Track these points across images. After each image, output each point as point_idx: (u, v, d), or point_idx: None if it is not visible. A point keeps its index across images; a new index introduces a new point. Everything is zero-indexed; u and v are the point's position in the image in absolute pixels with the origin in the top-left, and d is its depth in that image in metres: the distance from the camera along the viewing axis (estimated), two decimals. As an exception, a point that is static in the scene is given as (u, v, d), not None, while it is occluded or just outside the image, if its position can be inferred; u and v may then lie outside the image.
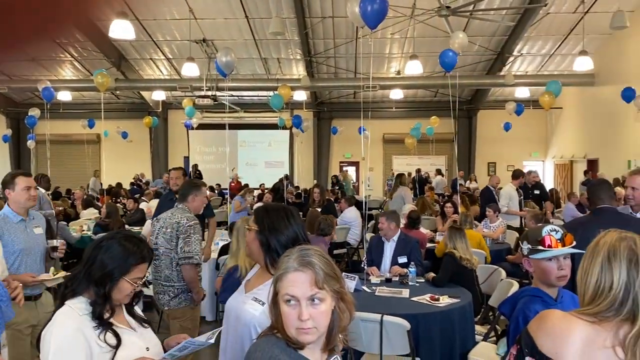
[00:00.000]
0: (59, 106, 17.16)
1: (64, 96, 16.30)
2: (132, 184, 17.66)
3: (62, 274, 3.62)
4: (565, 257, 2.24)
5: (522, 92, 16.51)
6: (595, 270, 1.47)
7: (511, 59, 15.59)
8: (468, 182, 17.15)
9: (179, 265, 3.88)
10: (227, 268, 4.10)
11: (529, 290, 2.32)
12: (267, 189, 15.68)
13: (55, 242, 3.77)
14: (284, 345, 1.48)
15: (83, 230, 8.23)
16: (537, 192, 9.27)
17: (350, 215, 8.96)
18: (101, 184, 17.27)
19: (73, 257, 7.38)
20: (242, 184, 16.64)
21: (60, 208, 9.21)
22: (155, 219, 4.35)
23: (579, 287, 1.53)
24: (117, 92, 18.67)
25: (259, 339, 1.57)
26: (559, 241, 2.23)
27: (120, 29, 9.00)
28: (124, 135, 18.92)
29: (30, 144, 17.05)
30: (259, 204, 10.35)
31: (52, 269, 3.66)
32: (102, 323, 1.90)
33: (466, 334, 4.09)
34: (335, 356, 1.56)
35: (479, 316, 4.88)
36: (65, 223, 8.08)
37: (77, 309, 1.90)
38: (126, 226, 8.50)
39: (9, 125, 20.02)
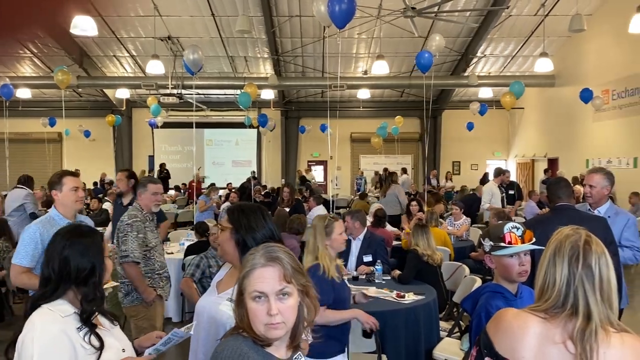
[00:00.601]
0: (17, 104, 16.65)
1: (24, 93, 15.81)
2: (95, 183, 17.27)
3: (112, 283, 3.50)
4: (525, 254, 2.30)
5: (486, 93, 16.88)
6: (543, 266, 1.53)
7: (475, 60, 15.91)
8: (444, 180, 17.40)
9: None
10: (305, 267, 4.02)
11: (490, 286, 2.37)
12: (234, 188, 15.57)
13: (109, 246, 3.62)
14: (251, 343, 1.48)
15: (43, 232, 7.98)
16: (511, 192, 9.47)
17: (317, 213, 8.99)
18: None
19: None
20: (204, 183, 16.50)
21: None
22: None
23: (535, 283, 1.58)
24: (79, 89, 18.21)
25: (224, 338, 1.55)
26: (519, 238, 2.29)
27: (82, 25, 8.77)
28: (87, 134, 18.49)
29: (-13, 143, 16.48)
30: (227, 204, 10.28)
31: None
32: (88, 324, 1.86)
33: (431, 330, 4.16)
34: (299, 353, 1.56)
35: (443, 312, 4.97)
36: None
37: (58, 310, 1.84)
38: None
39: (-35, 123, 19.31)
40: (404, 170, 18.06)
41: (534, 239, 2.32)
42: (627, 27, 8.50)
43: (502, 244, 2.28)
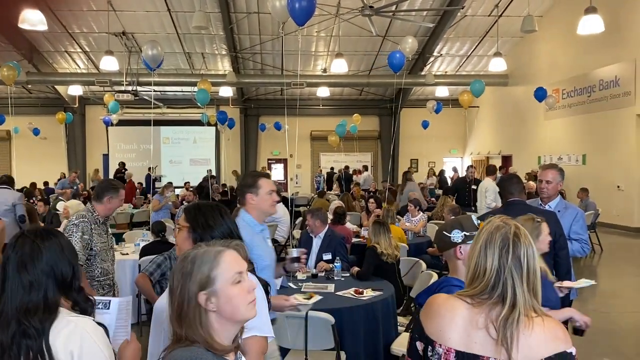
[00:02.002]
0: (-39, 100, 15.92)
1: (-32, 89, 15.15)
2: (46, 183, 16.67)
3: (316, 297, 3.32)
4: None
5: (442, 91, 17.21)
6: (474, 255, 1.58)
7: (431, 59, 16.17)
8: (426, 177, 17.55)
9: None
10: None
11: (449, 280, 2.40)
12: (192, 187, 15.33)
13: (295, 252, 3.28)
14: (212, 355, 1.41)
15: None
16: (474, 187, 9.71)
17: (279, 211, 8.95)
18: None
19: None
20: (160, 182, 16.18)
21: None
22: None
23: (465, 270, 1.67)
24: (29, 86, 17.55)
25: (174, 352, 1.41)
26: None
27: (31, 19, 8.42)
28: (36, 131, 17.81)
29: None
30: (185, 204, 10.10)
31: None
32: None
33: (389, 325, 4.20)
34: (239, 353, 1.53)
35: (401, 307, 5.03)
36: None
37: (83, 317, 1.75)
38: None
39: None
40: (365, 168, 18.27)
41: None
42: (575, 28, 8.82)
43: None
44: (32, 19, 8.46)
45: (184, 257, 1.48)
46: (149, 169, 17.13)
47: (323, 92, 16.69)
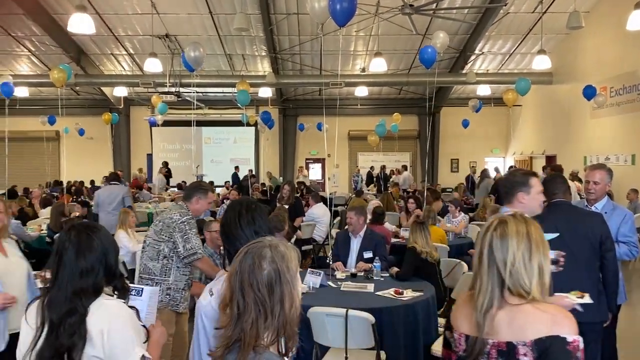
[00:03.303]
0: (15, 102, 16.60)
1: (21, 92, 15.77)
2: (92, 182, 17.24)
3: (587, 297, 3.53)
4: None
5: (484, 90, 16.87)
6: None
7: (473, 57, 15.91)
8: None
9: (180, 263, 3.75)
10: None
11: None
12: (232, 186, 15.57)
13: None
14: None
15: (42, 230, 7.99)
16: None
17: (318, 211, 8.98)
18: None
19: (31, 257, 7.14)
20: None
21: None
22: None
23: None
24: (77, 87, 18.18)
25: (265, 355, 1.45)
26: None
27: (80, 23, 8.73)
28: (81, 132, 18.40)
29: (-16, 141, 16.42)
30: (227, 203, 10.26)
31: None
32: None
33: (429, 326, 4.17)
34: None
35: (441, 309, 4.98)
36: (19, 222, 7.82)
37: (114, 300, 1.95)
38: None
39: (-38, 121, 19.25)
40: (404, 168, 18.15)
41: None
42: (624, 23, 8.51)
43: None
44: (80, 23, 8.76)
45: (282, 255, 1.52)
46: (197, 168, 17.61)
47: (361, 91, 16.63)
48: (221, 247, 4.80)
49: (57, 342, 1.77)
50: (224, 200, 11.92)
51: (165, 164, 18.45)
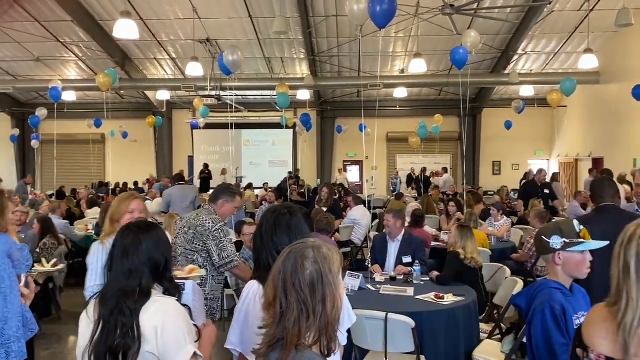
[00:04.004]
0: (63, 106, 17.22)
1: (69, 96, 16.34)
2: (135, 183, 17.70)
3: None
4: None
5: (527, 91, 16.46)
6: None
7: (515, 57, 15.55)
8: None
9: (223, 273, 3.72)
10: None
11: (548, 283, 2.39)
12: (270, 188, 15.70)
13: None
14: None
15: (88, 229, 8.25)
16: (547, 191, 9.23)
17: (358, 213, 8.94)
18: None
19: (77, 255, 7.40)
20: (242, 183, 16.65)
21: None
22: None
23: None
24: (122, 92, 18.71)
25: (306, 354, 1.47)
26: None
27: (124, 29, 8.99)
28: (124, 135, 18.93)
29: (35, 143, 17.12)
30: (265, 205, 10.35)
31: None
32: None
33: (471, 332, 4.09)
34: None
35: (483, 314, 4.87)
36: (67, 222, 8.11)
37: (167, 297, 1.97)
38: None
39: (15, 125, 20.09)
40: (445, 170, 17.91)
41: None
42: (678, 20, 8.15)
43: (581, 240, 2.33)
44: (125, 29, 9.02)
45: (324, 256, 1.54)
46: (235, 170, 17.87)
47: (400, 92, 16.50)
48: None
49: (110, 339, 1.82)
50: (262, 202, 12.03)
51: (206, 165, 18.78)
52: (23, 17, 13.78)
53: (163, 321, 1.85)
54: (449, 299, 4.10)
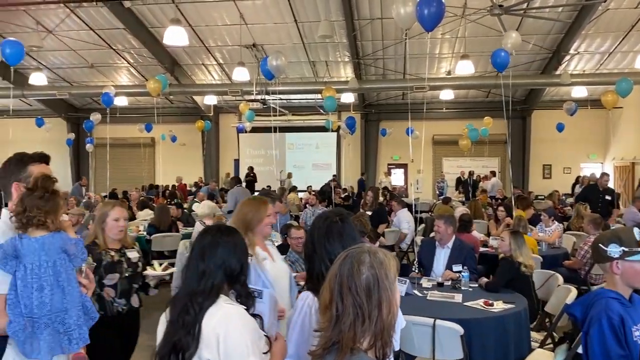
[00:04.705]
0: (115, 111, 17.83)
1: (121, 101, 16.90)
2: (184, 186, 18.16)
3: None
4: None
5: (579, 92, 15.89)
6: None
7: (567, 57, 15.05)
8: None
9: None
10: None
11: (606, 292, 2.31)
12: (314, 191, 15.76)
13: None
14: None
15: (139, 231, 8.50)
16: (608, 197, 8.84)
17: (403, 217, 8.86)
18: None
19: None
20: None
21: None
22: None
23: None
24: (171, 97, 19.21)
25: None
26: None
27: (174, 36, 9.24)
28: (173, 139, 19.42)
29: (89, 147, 17.80)
30: (310, 208, 10.39)
31: None
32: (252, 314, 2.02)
33: (521, 340, 3.97)
34: None
35: (534, 322, 4.73)
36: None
37: (236, 306, 1.97)
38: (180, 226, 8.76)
39: (70, 129, 20.96)
40: (493, 174, 17.53)
41: None
42: None
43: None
44: (175, 35, 9.27)
45: (380, 262, 1.54)
46: (280, 173, 18.08)
47: (447, 95, 16.24)
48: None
49: (174, 338, 1.85)
50: (306, 205, 12.09)
51: (251, 168, 19.05)
52: (78, 26, 14.38)
53: (226, 330, 1.84)
54: (499, 306, 4.00)
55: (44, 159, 2.45)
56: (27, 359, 2.08)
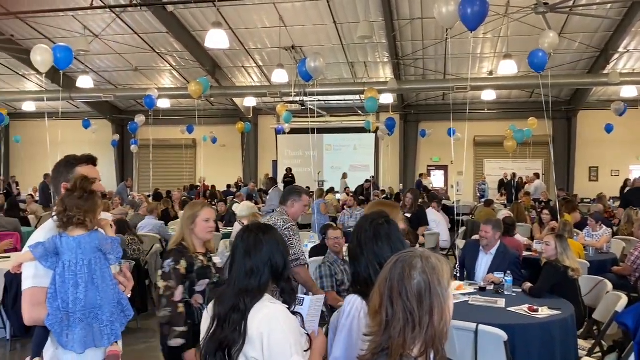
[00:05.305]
0: (158, 113, 18.26)
1: (163, 103, 17.29)
2: (228, 186, 18.43)
3: None
4: None
5: (629, 91, 15.30)
6: None
7: (616, 55, 14.51)
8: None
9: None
10: None
11: None
12: (351, 192, 15.72)
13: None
14: None
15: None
16: None
17: (432, 217, 8.71)
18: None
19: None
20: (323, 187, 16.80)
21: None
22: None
23: None
24: (212, 99, 19.52)
25: None
26: None
27: (215, 39, 9.38)
28: (214, 140, 19.73)
29: (134, 148, 18.29)
30: (348, 210, 10.37)
31: None
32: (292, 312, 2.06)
33: (568, 348, 3.84)
34: None
35: (581, 330, 4.57)
36: (162, 222, 8.56)
37: (279, 304, 2.01)
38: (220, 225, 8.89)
39: (115, 130, 21.59)
40: (537, 176, 17.10)
41: None
42: None
43: None
44: (216, 39, 9.41)
45: (432, 267, 1.51)
46: (318, 174, 18.13)
47: (488, 95, 15.91)
48: (342, 253, 4.83)
49: (222, 335, 1.89)
50: (344, 207, 12.06)
51: (289, 170, 19.15)
52: (123, 30, 14.80)
53: (270, 328, 1.87)
54: (544, 312, 3.89)
55: (91, 160, 2.55)
56: (63, 349, 2.18)
